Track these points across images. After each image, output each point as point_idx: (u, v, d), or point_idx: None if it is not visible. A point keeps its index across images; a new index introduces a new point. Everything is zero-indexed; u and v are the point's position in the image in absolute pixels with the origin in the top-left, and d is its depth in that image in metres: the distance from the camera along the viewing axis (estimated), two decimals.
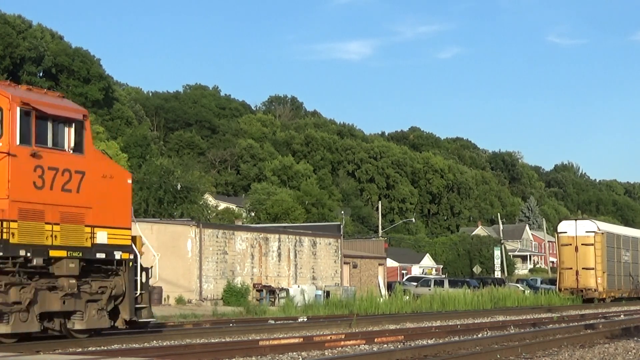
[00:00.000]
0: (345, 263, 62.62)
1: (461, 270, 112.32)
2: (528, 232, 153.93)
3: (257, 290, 50.91)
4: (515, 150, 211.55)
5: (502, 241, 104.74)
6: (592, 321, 28.40)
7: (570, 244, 54.66)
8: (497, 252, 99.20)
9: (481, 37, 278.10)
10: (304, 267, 56.55)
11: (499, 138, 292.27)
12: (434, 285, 67.23)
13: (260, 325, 26.60)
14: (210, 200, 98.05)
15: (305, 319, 31.15)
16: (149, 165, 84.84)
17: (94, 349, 18.24)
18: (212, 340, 20.67)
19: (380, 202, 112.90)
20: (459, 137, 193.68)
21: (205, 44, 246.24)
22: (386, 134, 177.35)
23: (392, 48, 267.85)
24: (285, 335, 22.23)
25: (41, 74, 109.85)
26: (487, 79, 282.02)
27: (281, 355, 16.74)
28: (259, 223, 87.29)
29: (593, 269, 53.98)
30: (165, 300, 43.84)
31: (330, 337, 20.75)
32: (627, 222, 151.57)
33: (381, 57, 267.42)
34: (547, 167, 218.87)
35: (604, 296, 54.43)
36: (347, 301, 43.23)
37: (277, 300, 49.44)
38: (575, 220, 57.29)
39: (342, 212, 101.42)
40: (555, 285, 57.89)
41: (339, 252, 60.88)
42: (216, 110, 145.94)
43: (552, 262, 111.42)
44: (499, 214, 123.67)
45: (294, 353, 17.18)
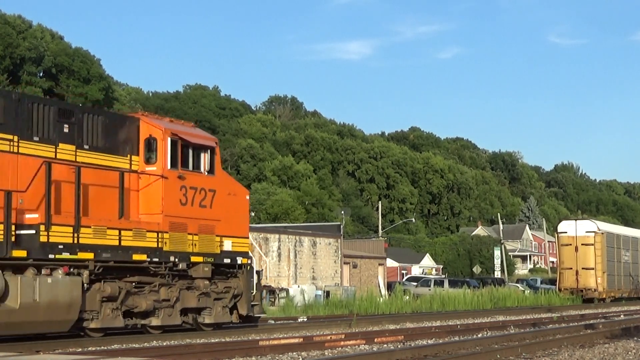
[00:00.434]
0: (345, 263, 62.64)
1: (461, 270, 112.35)
2: (528, 232, 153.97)
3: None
4: (515, 150, 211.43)
5: (502, 241, 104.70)
6: (592, 321, 28.37)
7: (570, 244, 54.69)
8: (497, 252, 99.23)
9: (481, 37, 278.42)
10: (304, 267, 56.57)
11: (499, 138, 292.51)
12: (434, 285, 67.18)
13: (260, 325, 26.59)
14: None
15: (305, 319, 31.12)
16: None
17: (94, 349, 18.24)
18: (212, 340, 20.67)
19: (380, 202, 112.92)
20: (459, 137, 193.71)
21: (205, 44, 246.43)
22: (386, 134, 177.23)
23: (392, 48, 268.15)
24: (285, 335, 22.25)
25: (41, 74, 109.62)
26: (487, 79, 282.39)
27: (281, 355, 16.73)
28: (259, 223, 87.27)
29: (593, 269, 54.00)
30: None
31: (330, 337, 20.74)
32: (627, 222, 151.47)
33: (381, 57, 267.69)
34: (547, 167, 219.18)
35: (604, 296, 54.44)
36: (347, 301, 43.22)
37: (277, 300, 49.42)
38: (575, 220, 57.29)
39: (342, 212, 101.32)
40: (555, 285, 57.91)
41: (339, 252, 60.90)
42: (216, 110, 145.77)
43: (552, 262, 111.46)
44: (499, 214, 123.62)
45: (294, 353, 17.17)
